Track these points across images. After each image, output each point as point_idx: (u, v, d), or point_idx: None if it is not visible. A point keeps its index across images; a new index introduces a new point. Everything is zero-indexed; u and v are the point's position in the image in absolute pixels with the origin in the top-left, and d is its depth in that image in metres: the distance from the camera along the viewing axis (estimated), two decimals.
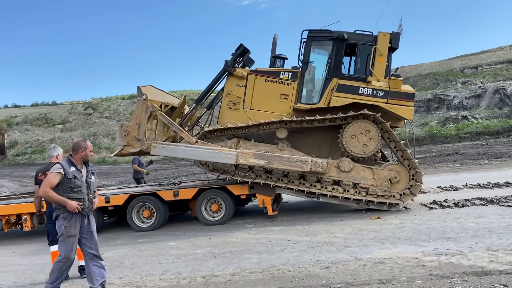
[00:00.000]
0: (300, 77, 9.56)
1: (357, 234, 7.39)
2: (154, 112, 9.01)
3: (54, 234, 6.18)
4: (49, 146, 6.94)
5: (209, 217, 9.54)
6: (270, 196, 9.38)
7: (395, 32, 9.21)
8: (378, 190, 9.13)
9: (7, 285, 6.21)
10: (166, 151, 9.12)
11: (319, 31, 9.47)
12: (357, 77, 9.37)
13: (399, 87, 9.04)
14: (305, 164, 8.83)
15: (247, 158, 8.77)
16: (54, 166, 5.16)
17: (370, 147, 9.04)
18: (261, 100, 9.60)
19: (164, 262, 6.70)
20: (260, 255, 6.59)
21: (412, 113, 9.16)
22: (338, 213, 9.54)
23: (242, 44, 9.86)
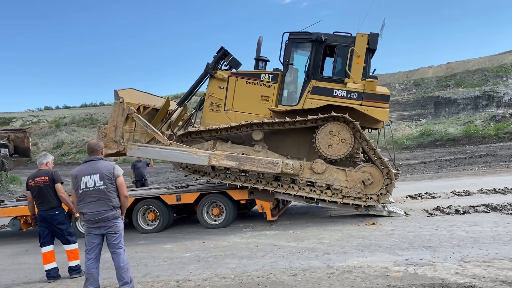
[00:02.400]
0: (280, 79, 9.63)
1: (343, 241, 7.43)
2: (130, 115, 9.30)
3: (44, 236, 6.68)
4: (39, 154, 7.41)
5: (210, 221, 9.82)
6: (269, 202, 9.54)
7: (373, 33, 9.08)
8: (352, 192, 9.10)
9: (5, 283, 6.74)
10: (141, 153, 9.41)
11: (299, 33, 9.50)
12: (336, 79, 9.32)
13: (374, 88, 8.96)
14: (276, 166, 8.91)
15: (219, 159, 8.95)
16: (120, 169, 5.52)
17: (343, 149, 9.00)
18: (242, 102, 9.74)
19: (151, 265, 7.03)
20: (240, 260, 6.78)
21: (387, 115, 9.06)
22: (336, 219, 9.57)
23: (222, 47, 10.02)
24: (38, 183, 6.57)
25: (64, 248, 6.76)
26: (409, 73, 72.97)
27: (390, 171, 8.99)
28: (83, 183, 5.35)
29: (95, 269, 5.40)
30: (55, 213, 6.62)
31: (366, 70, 9.23)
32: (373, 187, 9.13)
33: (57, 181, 6.62)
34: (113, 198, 5.38)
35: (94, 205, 5.32)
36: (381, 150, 9.91)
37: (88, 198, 5.33)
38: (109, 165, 5.49)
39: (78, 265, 6.72)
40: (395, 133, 35.29)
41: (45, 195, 6.56)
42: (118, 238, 5.43)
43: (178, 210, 11.00)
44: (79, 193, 5.37)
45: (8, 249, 9.62)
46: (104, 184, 5.35)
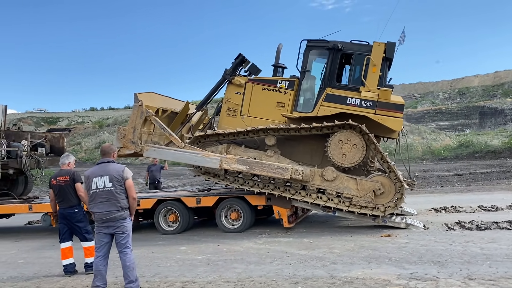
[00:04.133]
0: (297, 86, 9.70)
1: (353, 252, 7.40)
2: (148, 117, 9.64)
3: (64, 232, 7.05)
4: (62, 155, 7.84)
5: (228, 225, 9.99)
6: (286, 208, 9.60)
7: (390, 42, 9.04)
8: (362, 201, 9.02)
9: (27, 276, 7.16)
10: (157, 154, 9.73)
11: (317, 41, 9.57)
12: (351, 87, 9.32)
13: (388, 98, 8.89)
14: (285, 171, 8.97)
15: (230, 163, 9.11)
16: (129, 172, 5.80)
17: (354, 157, 8.94)
18: (258, 108, 9.87)
19: (162, 265, 7.27)
20: (248, 265, 6.90)
21: (401, 124, 8.95)
22: (352, 229, 9.52)
23: (241, 53, 10.22)
24: (60, 182, 6.95)
25: (81, 244, 7.11)
26: (454, 82, 70.91)
27: (403, 186, 8.84)
28: (94, 184, 5.65)
29: (103, 267, 5.67)
30: (74, 211, 6.99)
31: (382, 79, 9.18)
32: (383, 198, 9.03)
33: (77, 181, 6.96)
34: (122, 199, 5.64)
35: (104, 205, 5.60)
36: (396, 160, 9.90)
37: (98, 198, 5.62)
38: (118, 167, 5.76)
39: None
40: (433, 143, 34.45)
41: (65, 194, 6.94)
42: (125, 238, 5.68)
43: (199, 213, 11.27)
44: (90, 194, 5.67)
45: (38, 243, 10.15)
46: (113, 186, 5.62)
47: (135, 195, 5.80)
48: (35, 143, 13.05)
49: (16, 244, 10.25)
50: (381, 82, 9.16)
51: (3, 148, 11.57)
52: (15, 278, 7.07)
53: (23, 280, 6.92)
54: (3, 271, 7.56)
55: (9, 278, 7.09)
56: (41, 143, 13.17)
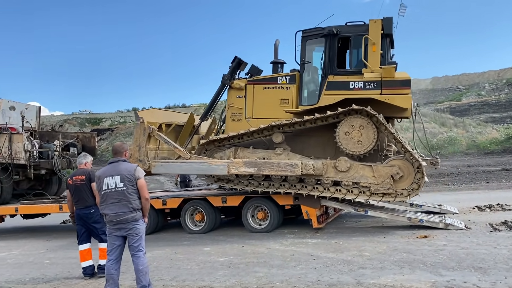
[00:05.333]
0: (298, 79, 9.38)
1: (385, 255, 6.85)
2: (151, 133, 9.54)
3: (81, 234, 6.91)
4: (79, 154, 7.72)
5: (255, 225, 9.64)
6: (315, 208, 9.14)
7: (386, 18, 8.63)
8: (381, 189, 8.50)
9: (48, 277, 7.09)
10: (165, 169, 9.54)
11: (312, 30, 9.23)
12: (354, 70, 8.95)
13: (393, 75, 8.40)
14: (295, 167, 8.61)
15: (238, 167, 8.83)
16: (141, 171, 5.56)
17: (365, 143, 8.47)
18: (262, 108, 9.62)
19: (183, 268, 7.00)
20: (270, 269, 6.51)
21: (410, 101, 8.44)
22: (386, 229, 8.94)
23: (236, 56, 9.97)
24: (76, 182, 6.80)
25: (99, 246, 6.94)
26: (501, 72, 67.44)
27: (421, 165, 8.26)
28: (105, 184, 5.42)
29: (115, 271, 5.44)
30: (90, 212, 6.79)
31: (385, 56, 8.77)
32: (403, 182, 8.50)
33: (93, 181, 6.68)
34: (133, 200, 5.38)
35: (115, 207, 5.36)
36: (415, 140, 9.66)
37: (110, 199, 5.39)
38: (130, 167, 5.51)
39: None
40: (478, 137, 32.79)
41: (81, 194, 6.77)
42: (138, 240, 5.42)
43: (226, 212, 10.99)
44: (102, 194, 5.45)
45: (67, 242, 10.15)
46: (125, 186, 5.36)
47: (147, 196, 5.53)
48: (67, 143, 13.16)
49: (47, 243, 10.33)
50: (384, 60, 8.76)
51: (35, 149, 11.68)
52: (36, 279, 7.02)
53: (43, 281, 6.85)
54: (27, 272, 7.54)
55: (31, 279, 7.05)
56: (73, 143, 13.26)
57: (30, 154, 11.45)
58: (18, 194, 12.79)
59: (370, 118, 8.49)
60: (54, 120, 67.01)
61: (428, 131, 36.56)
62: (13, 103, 12.76)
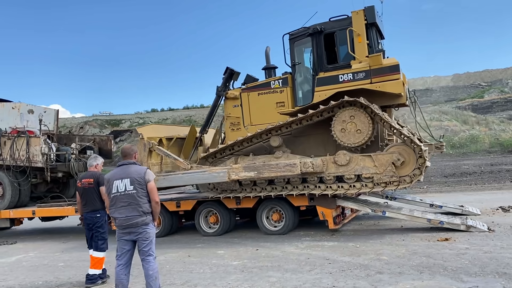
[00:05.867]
0: (291, 81, 9.42)
1: (404, 259, 6.60)
2: (151, 148, 9.61)
3: (90, 238, 6.81)
4: (90, 156, 7.63)
5: (270, 227, 9.47)
6: (330, 209, 8.93)
7: (368, 7, 8.63)
8: (384, 177, 8.34)
9: (61, 280, 7.06)
10: (168, 182, 9.55)
11: (297, 31, 9.29)
12: (343, 64, 8.89)
13: (380, 62, 8.34)
14: (294, 167, 8.53)
15: (238, 172, 8.81)
16: (152, 174, 5.44)
17: (362, 134, 8.36)
18: (259, 114, 9.70)
19: (195, 271, 6.88)
20: (284, 274, 6.33)
21: (400, 86, 8.29)
22: (406, 231, 8.65)
23: (228, 67, 10.10)
24: (84, 185, 6.69)
25: (90, 252, 6.72)
26: None
27: (422, 149, 8.05)
28: (114, 187, 5.32)
29: (124, 276, 5.34)
30: (96, 216, 6.67)
31: (373, 46, 8.76)
32: (406, 167, 8.33)
33: (101, 184, 6.55)
34: (143, 204, 5.28)
35: (125, 210, 5.26)
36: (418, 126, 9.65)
37: (119, 202, 5.29)
38: (140, 169, 5.41)
39: (95, 274, 6.60)
40: (502, 134, 31.92)
41: (89, 197, 6.66)
42: (148, 245, 5.31)
43: (242, 214, 10.85)
44: (111, 197, 5.35)
45: (81, 244, 9.92)
46: (135, 189, 5.26)
47: (157, 199, 5.42)
48: (84, 146, 13.24)
49: (63, 245, 10.37)
50: (372, 50, 8.70)
51: (52, 152, 11.76)
52: (49, 282, 7.01)
53: (56, 285, 6.83)
54: (41, 275, 7.55)
55: (44, 282, 7.04)
56: (89, 146, 13.32)
57: (47, 157, 11.51)
58: (36, 196, 12.94)
59: (364, 108, 8.42)
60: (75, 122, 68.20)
61: (449, 129, 35.84)
62: (31, 107, 12.88)
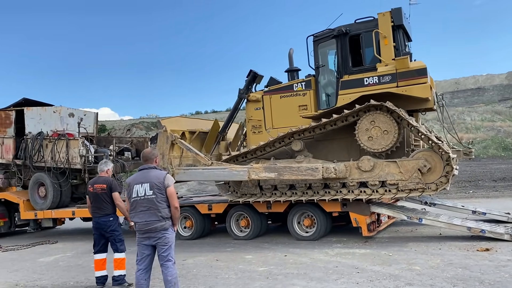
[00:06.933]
0: (314, 84, 9.20)
1: (437, 270, 6.22)
2: (174, 141, 9.56)
3: (100, 244, 6.85)
4: (100, 161, 7.77)
5: (301, 232, 9.26)
6: (364, 215, 8.61)
7: (395, 9, 8.37)
8: (409, 184, 8.02)
9: (91, 281, 7.19)
10: (187, 176, 9.54)
11: (322, 33, 9.07)
12: (368, 67, 8.61)
13: (407, 65, 7.99)
14: (316, 171, 8.31)
15: (258, 172, 8.67)
16: (171, 179, 5.46)
17: (387, 139, 8.04)
18: (281, 117, 9.54)
19: (220, 277, 6.80)
20: (309, 282, 6.13)
21: (428, 90, 7.88)
22: (443, 240, 8.21)
23: (251, 70, 9.98)
24: (96, 190, 6.73)
25: (114, 256, 6.80)
26: None
27: (450, 157, 7.64)
28: (134, 191, 5.34)
29: (144, 281, 5.34)
30: (109, 220, 6.72)
31: (399, 48, 8.45)
32: (433, 174, 7.99)
33: (114, 190, 6.72)
34: (162, 209, 5.26)
35: (144, 215, 5.26)
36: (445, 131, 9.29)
37: (139, 207, 5.30)
38: (160, 174, 5.39)
39: (121, 275, 6.70)
40: None
41: (101, 202, 6.71)
42: (167, 250, 5.28)
43: (274, 218, 10.70)
44: (131, 202, 5.37)
45: None
46: (154, 194, 5.25)
47: (177, 204, 5.38)
48: (122, 148, 13.55)
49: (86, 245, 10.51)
50: (398, 53, 8.47)
51: (90, 153, 12.10)
52: (79, 283, 7.18)
53: (85, 286, 6.98)
54: (74, 275, 7.74)
55: (74, 283, 7.23)
56: (127, 148, 13.63)
57: (85, 159, 11.86)
58: (77, 197, 13.38)
59: (390, 113, 8.10)
60: (123, 124, 70.49)
61: (502, 130, 33.93)
62: (72, 110, 13.32)
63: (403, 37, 8.91)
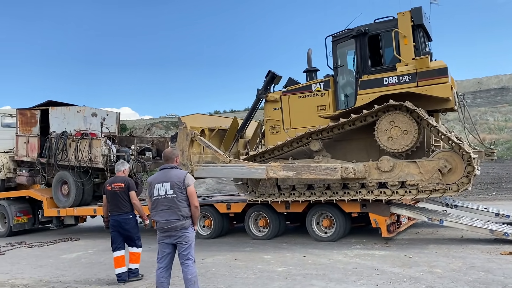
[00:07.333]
0: (333, 84, 9.17)
1: (459, 273, 6.13)
2: (193, 138, 9.63)
3: (118, 241, 7.09)
4: (117, 162, 7.95)
5: (320, 233, 9.23)
6: (384, 216, 8.54)
7: (415, 8, 8.34)
8: (429, 185, 7.92)
9: (113, 278, 7.31)
10: (206, 173, 9.57)
11: (341, 33, 9.04)
12: (388, 67, 8.54)
13: (427, 65, 7.88)
14: (334, 171, 8.29)
15: (276, 171, 8.68)
16: (191, 178, 5.53)
17: (407, 139, 7.97)
18: (299, 118, 9.54)
19: (239, 276, 6.84)
20: (328, 283, 6.12)
21: (449, 89, 7.77)
22: (465, 242, 8.08)
23: (270, 70, 9.99)
24: (115, 189, 7.01)
25: (129, 250, 7.12)
26: None
27: (472, 156, 7.52)
28: (155, 190, 5.42)
29: (164, 279, 5.41)
30: (129, 218, 7.04)
31: (419, 48, 8.36)
32: (453, 175, 7.89)
33: (131, 189, 7.04)
34: (183, 208, 5.32)
35: (165, 214, 5.34)
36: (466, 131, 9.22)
37: (160, 206, 5.38)
38: (180, 173, 5.46)
39: (137, 268, 7.08)
40: None
41: (119, 200, 6.98)
42: (187, 249, 5.34)
43: (292, 219, 10.69)
44: (152, 201, 5.46)
45: None
46: (174, 193, 5.32)
47: (197, 203, 5.44)
48: (143, 148, 13.72)
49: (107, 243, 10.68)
50: (418, 52, 8.36)
51: (112, 153, 12.29)
52: (101, 280, 7.32)
53: (107, 283, 7.11)
54: (96, 272, 7.92)
55: (96, 280, 7.38)
56: (148, 147, 13.79)
57: (107, 158, 12.05)
58: (99, 196, 13.61)
59: (409, 113, 8.04)
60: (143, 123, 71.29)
61: None
62: (95, 110, 13.57)
63: (423, 37, 8.83)
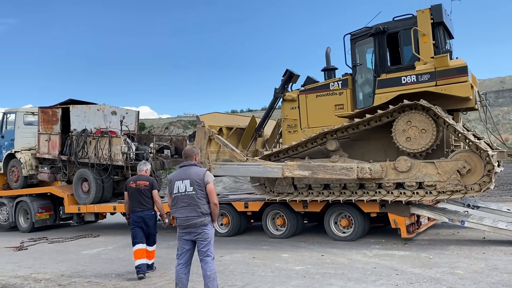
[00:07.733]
0: (351, 83, 9.05)
1: (482, 274, 6.02)
2: (211, 136, 9.69)
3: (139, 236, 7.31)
4: (140, 162, 8.12)
5: (338, 232, 9.17)
6: (404, 217, 8.43)
7: (435, 5, 8.17)
8: (448, 186, 7.78)
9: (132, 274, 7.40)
10: (223, 171, 9.64)
11: (359, 31, 8.92)
12: (406, 65, 8.41)
13: (447, 63, 7.70)
14: (350, 171, 8.23)
15: (292, 170, 8.69)
16: (211, 176, 5.56)
17: (426, 138, 7.86)
18: (317, 117, 9.46)
19: (257, 274, 6.85)
20: (346, 282, 6.08)
21: (469, 89, 7.58)
22: (487, 244, 7.93)
23: (288, 69, 9.92)
24: (139, 186, 7.28)
25: (147, 248, 7.35)
26: None
27: (489, 154, 7.34)
28: (176, 187, 5.46)
29: (184, 275, 5.45)
30: (152, 213, 7.39)
31: (439, 46, 8.17)
32: (473, 176, 7.72)
33: (154, 188, 7.37)
34: (202, 205, 5.36)
35: (184, 210, 5.38)
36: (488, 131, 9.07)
37: (180, 203, 5.42)
38: (200, 171, 5.49)
39: (153, 263, 7.53)
40: None
41: (143, 198, 7.26)
42: (206, 245, 5.38)
43: (309, 217, 10.65)
44: (173, 197, 5.50)
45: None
46: (194, 190, 5.36)
47: (216, 201, 5.47)
48: (162, 146, 13.85)
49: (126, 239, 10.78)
50: (438, 51, 8.18)
51: (131, 151, 12.43)
52: (121, 276, 7.41)
53: (126, 279, 7.17)
54: (116, 268, 8.03)
55: (116, 275, 7.45)
56: (166, 146, 13.92)
57: (127, 156, 12.19)
58: (119, 193, 13.78)
59: (426, 112, 7.92)
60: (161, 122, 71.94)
61: None
62: (114, 108, 13.73)
63: (444, 35, 8.68)
